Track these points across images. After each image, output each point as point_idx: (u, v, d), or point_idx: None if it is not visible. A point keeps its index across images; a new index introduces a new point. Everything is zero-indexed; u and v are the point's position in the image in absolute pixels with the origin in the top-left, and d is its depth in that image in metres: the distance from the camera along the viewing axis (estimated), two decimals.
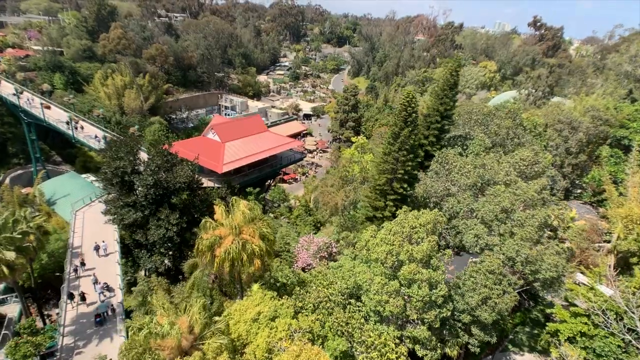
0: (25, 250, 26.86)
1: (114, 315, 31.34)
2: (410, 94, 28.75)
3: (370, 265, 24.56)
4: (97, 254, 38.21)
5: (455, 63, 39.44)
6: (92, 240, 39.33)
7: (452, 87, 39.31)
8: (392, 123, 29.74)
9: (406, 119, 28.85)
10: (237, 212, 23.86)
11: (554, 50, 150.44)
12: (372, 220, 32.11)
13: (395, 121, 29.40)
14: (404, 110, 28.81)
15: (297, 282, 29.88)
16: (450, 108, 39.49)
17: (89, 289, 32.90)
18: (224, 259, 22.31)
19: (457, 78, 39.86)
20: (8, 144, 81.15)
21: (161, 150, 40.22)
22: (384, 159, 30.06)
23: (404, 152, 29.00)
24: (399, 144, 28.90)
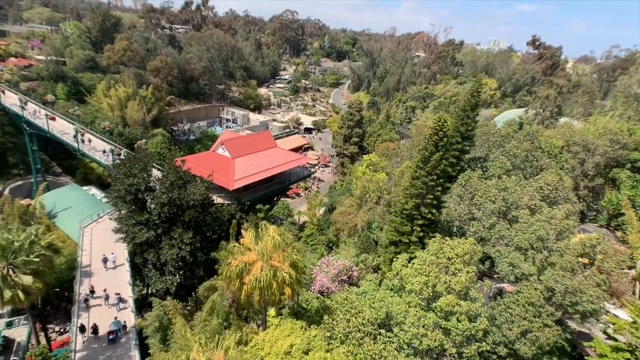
0: (41, 274, 25.56)
1: (126, 333, 30.94)
2: (442, 118, 28.41)
3: (401, 295, 23.71)
4: (104, 267, 37.82)
5: (477, 84, 39.41)
6: (105, 270, 38.08)
7: (474, 107, 39.22)
8: (422, 147, 29.30)
9: (437, 144, 28.41)
10: (267, 237, 22.99)
11: (553, 69, 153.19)
12: (396, 245, 31.36)
13: (425, 145, 28.96)
14: (435, 134, 28.39)
15: (319, 307, 28.86)
16: (472, 129, 39.29)
17: (100, 320, 31.29)
18: (254, 287, 21.33)
19: (479, 99, 39.78)
20: (8, 154, 79.66)
21: (175, 167, 39.33)
22: (412, 183, 29.47)
23: (434, 176, 28.47)
24: (429, 168, 28.39)
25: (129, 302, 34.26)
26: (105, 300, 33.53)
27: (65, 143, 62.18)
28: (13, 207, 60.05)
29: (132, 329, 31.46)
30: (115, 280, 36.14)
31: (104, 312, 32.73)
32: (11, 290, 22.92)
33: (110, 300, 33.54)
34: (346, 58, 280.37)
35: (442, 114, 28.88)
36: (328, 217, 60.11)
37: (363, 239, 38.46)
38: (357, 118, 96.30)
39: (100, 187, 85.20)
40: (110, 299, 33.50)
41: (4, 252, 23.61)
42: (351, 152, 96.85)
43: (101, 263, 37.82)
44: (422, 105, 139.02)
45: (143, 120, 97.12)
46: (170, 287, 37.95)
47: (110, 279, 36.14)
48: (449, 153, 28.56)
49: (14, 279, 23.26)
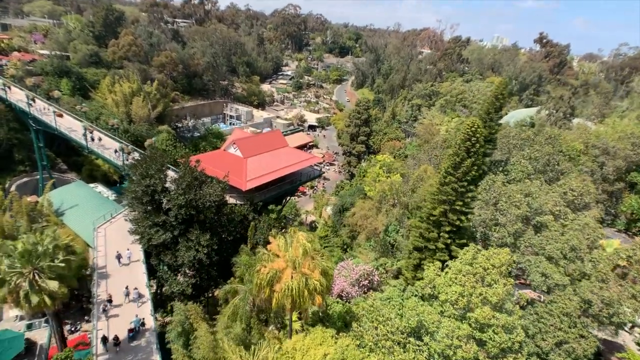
0: (66, 278, 25.05)
1: (145, 330, 31.12)
2: (476, 123, 27.83)
3: (432, 304, 23.32)
4: (119, 263, 37.64)
5: (502, 86, 38.70)
6: (119, 266, 37.71)
7: (498, 110, 38.59)
8: (453, 152, 28.77)
9: (469, 149, 27.88)
10: (296, 244, 22.53)
11: (560, 68, 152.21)
12: (421, 251, 30.90)
13: (456, 151, 28.42)
14: (467, 140, 27.83)
15: (342, 313, 28.50)
16: (495, 132, 38.74)
17: (120, 329, 30.92)
18: (285, 295, 20.91)
19: (504, 101, 39.10)
20: (14, 150, 78.80)
21: (190, 168, 38.76)
22: (440, 189, 28.95)
23: (465, 183, 28.00)
24: (460, 174, 27.89)
25: (147, 297, 34.55)
26: (126, 297, 33.66)
27: (74, 141, 61.46)
28: (21, 205, 59.57)
29: (152, 326, 31.51)
30: (132, 276, 36.19)
31: (124, 312, 32.49)
32: (38, 295, 22.46)
33: (130, 297, 33.73)
34: (349, 54, 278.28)
35: (475, 119, 28.28)
36: (339, 218, 59.66)
37: (381, 242, 38.01)
38: (364, 116, 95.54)
39: (106, 184, 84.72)
40: (130, 295, 33.68)
41: (29, 257, 23.10)
42: (358, 151, 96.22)
43: (119, 267, 37.45)
44: (428, 103, 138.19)
45: (148, 117, 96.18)
46: (186, 289, 37.60)
47: (127, 275, 36.15)
48: (480, 159, 28.01)
49: (40, 285, 22.78)
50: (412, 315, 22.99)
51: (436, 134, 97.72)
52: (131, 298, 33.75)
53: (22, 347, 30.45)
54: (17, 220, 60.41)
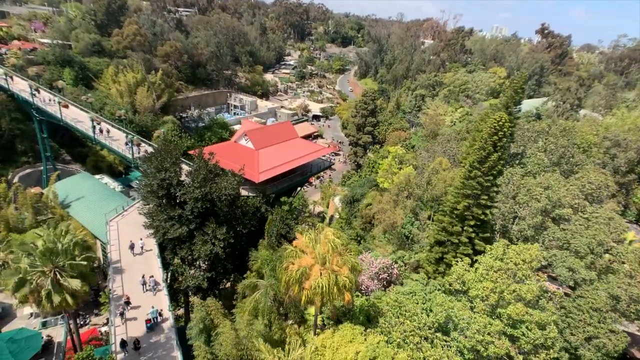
0: (87, 276, 24.74)
1: (163, 321, 31.01)
2: (504, 117, 27.35)
3: (460, 299, 23.23)
4: (132, 253, 37.40)
5: (522, 80, 38.07)
6: (134, 261, 37.21)
7: (517, 103, 38.06)
8: (479, 146, 28.36)
9: (496, 143, 27.48)
10: (325, 240, 22.28)
11: (561, 58, 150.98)
12: (442, 245, 30.74)
13: (482, 145, 27.99)
14: (494, 134, 27.41)
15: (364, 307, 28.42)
16: (513, 125, 38.27)
17: (139, 328, 30.80)
18: (315, 293, 20.74)
19: (523, 95, 38.57)
20: (16, 141, 77.90)
21: (205, 161, 38.33)
22: (465, 184, 28.64)
23: (490, 177, 27.69)
24: (486, 169, 27.55)
25: (162, 285, 34.48)
26: (143, 286, 33.54)
27: (81, 132, 60.71)
28: (26, 197, 59.08)
29: (169, 319, 31.39)
30: (146, 266, 35.95)
31: (141, 302, 32.42)
32: (60, 295, 22.15)
33: (146, 286, 33.60)
34: (351, 44, 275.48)
35: (502, 113, 27.78)
36: (350, 210, 59.48)
37: (398, 235, 37.86)
38: (371, 107, 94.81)
39: (111, 176, 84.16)
40: (147, 285, 33.54)
41: (50, 255, 22.73)
42: (365, 141, 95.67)
43: (132, 257, 37.21)
44: (431, 93, 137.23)
45: (152, 107, 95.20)
46: (202, 283, 37.46)
47: (142, 266, 35.82)
48: (506, 153, 27.64)
49: (62, 283, 22.47)
50: (440, 310, 22.89)
51: (441, 124, 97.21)
52: (148, 287, 33.62)
53: (40, 347, 30.02)
54: (21, 213, 60.08)
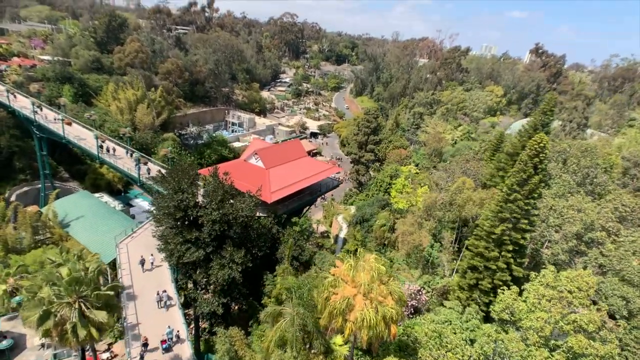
0: (112, 307, 22.94)
1: (179, 342, 30.11)
2: (544, 139, 26.91)
3: (507, 330, 22.08)
4: (142, 269, 37.24)
5: (552, 101, 37.95)
6: (145, 281, 35.97)
7: (545, 125, 37.97)
8: (519, 169, 27.77)
9: (536, 165, 26.94)
10: (366, 268, 21.08)
11: (556, 77, 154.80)
12: (476, 270, 29.72)
13: (522, 167, 27.41)
14: (535, 155, 26.89)
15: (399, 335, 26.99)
16: None
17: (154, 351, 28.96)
18: (360, 326, 19.41)
19: (552, 116, 38.39)
20: (14, 158, 75.73)
21: (221, 181, 37.06)
22: (503, 207, 27.90)
23: (531, 200, 27.03)
24: (526, 191, 26.91)
25: (174, 299, 34.24)
26: (158, 302, 33.05)
27: (84, 150, 59.03)
28: (26, 216, 56.82)
29: (185, 340, 30.38)
30: (157, 281, 36.04)
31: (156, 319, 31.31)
32: (85, 328, 20.33)
33: (161, 303, 33.12)
34: (346, 62, 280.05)
35: (542, 135, 27.38)
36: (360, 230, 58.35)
37: (422, 258, 36.72)
38: (374, 125, 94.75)
39: (110, 193, 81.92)
40: (162, 302, 33.25)
41: (76, 285, 21.02)
42: (367, 159, 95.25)
43: (143, 275, 35.60)
44: (429, 111, 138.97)
45: (152, 124, 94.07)
46: (217, 309, 35.66)
47: (153, 281, 35.77)
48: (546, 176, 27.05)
49: (89, 316, 20.68)
50: (486, 341, 21.68)
51: (443, 142, 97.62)
52: (162, 305, 33.26)
53: None
54: (19, 232, 57.63)
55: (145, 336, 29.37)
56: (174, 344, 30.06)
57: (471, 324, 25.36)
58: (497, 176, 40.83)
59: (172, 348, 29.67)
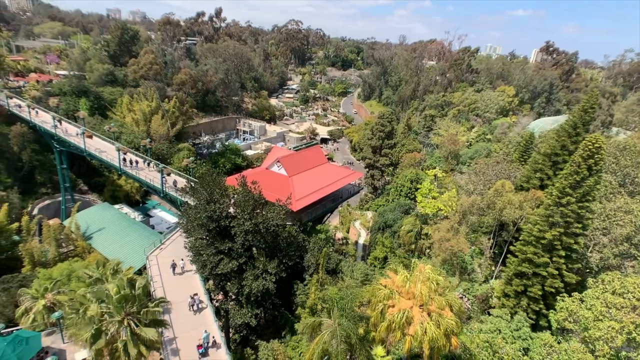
0: (159, 323, 22.47)
1: (215, 347, 30.15)
2: (600, 139, 26.08)
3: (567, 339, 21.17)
4: (173, 272, 37.94)
5: (593, 99, 36.79)
6: (177, 287, 35.94)
7: (586, 124, 36.98)
8: (572, 170, 26.90)
9: (591, 167, 26.06)
10: (422, 278, 20.39)
11: (568, 75, 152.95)
12: (524, 277, 28.78)
13: (575, 169, 26.55)
14: (589, 157, 26.02)
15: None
16: None
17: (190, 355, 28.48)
18: (422, 340, 18.69)
19: (593, 115, 37.36)
20: (35, 172, 76.51)
21: (250, 191, 36.67)
22: (554, 211, 27.02)
23: (586, 203, 26.13)
24: (580, 194, 26.05)
25: (205, 302, 34.59)
26: (191, 307, 33.34)
27: (106, 162, 59.24)
28: (50, 229, 57.05)
29: (221, 345, 30.17)
30: (188, 284, 36.58)
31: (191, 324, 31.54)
32: (136, 346, 19.90)
33: (194, 307, 33.42)
34: (352, 67, 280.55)
35: (598, 135, 26.51)
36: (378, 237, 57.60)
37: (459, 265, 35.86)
38: (388, 129, 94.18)
39: (128, 205, 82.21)
40: (195, 306, 33.49)
41: (126, 302, 20.63)
42: (382, 164, 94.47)
43: (177, 292, 35.30)
44: (440, 113, 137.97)
45: (167, 135, 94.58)
46: (250, 321, 35.07)
47: (184, 286, 36.11)
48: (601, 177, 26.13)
49: (139, 333, 20.25)
50: (547, 352, 20.76)
51: (459, 144, 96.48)
52: (195, 308, 33.35)
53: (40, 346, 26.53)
54: (43, 246, 57.91)
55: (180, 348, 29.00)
56: (209, 348, 29.88)
57: (522, 333, 24.46)
58: (534, 178, 39.85)
59: (208, 353, 29.52)
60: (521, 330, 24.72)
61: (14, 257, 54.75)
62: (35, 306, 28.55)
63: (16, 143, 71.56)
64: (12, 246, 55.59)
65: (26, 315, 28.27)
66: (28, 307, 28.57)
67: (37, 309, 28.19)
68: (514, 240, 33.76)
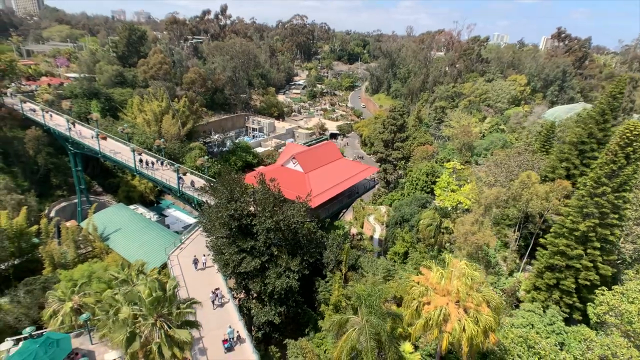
0: (191, 324, 22.39)
1: (239, 342, 30.45)
2: (638, 126, 25.13)
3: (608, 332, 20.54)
4: (195, 267, 38.70)
5: (622, 84, 35.56)
6: (199, 283, 36.16)
7: (614, 110, 35.83)
8: (608, 159, 26.02)
9: (629, 155, 25.15)
10: (457, 274, 19.91)
11: (581, 62, 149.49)
12: (556, 269, 28.08)
13: (611, 158, 25.69)
14: (627, 145, 25.11)
15: None
16: (610, 134, 35.84)
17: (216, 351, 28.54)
18: (459, 337, 18.25)
19: (622, 101, 36.20)
20: (50, 175, 77.34)
21: (269, 188, 36.40)
22: (588, 202, 26.22)
23: (623, 193, 25.32)
24: (617, 184, 25.23)
25: (227, 296, 35.03)
26: (213, 302, 33.61)
27: (121, 164, 59.43)
28: (68, 231, 57.60)
29: (246, 340, 30.35)
30: (209, 279, 37.20)
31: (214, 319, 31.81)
32: (170, 348, 19.83)
33: (217, 302, 33.87)
34: (358, 60, 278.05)
35: (635, 121, 25.55)
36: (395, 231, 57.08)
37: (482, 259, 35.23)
38: (400, 122, 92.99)
39: (143, 205, 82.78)
40: (217, 300, 33.97)
41: (158, 303, 20.54)
42: (395, 158, 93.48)
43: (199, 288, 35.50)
44: (451, 104, 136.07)
45: (178, 134, 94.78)
46: (274, 319, 34.95)
47: (207, 284, 36.29)
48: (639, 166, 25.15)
49: (172, 335, 20.18)
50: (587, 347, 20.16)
51: (473, 135, 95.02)
52: (217, 303, 33.70)
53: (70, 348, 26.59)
54: (62, 247, 58.54)
55: None
56: (235, 343, 30.09)
57: (556, 327, 23.85)
58: (560, 167, 38.81)
59: (233, 348, 29.71)
60: (555, 324, 24.10)
61: (34, 259, 55.35)
62: (62, 308, 28.77)
63: (31, 147, 72.28)
64: (32, 248, 56.15)
65: (54, 317, 28.48)
66: (56, 309, 28.80)
67: (65, 311, 28.42)
68: (541, 232, 33.00)
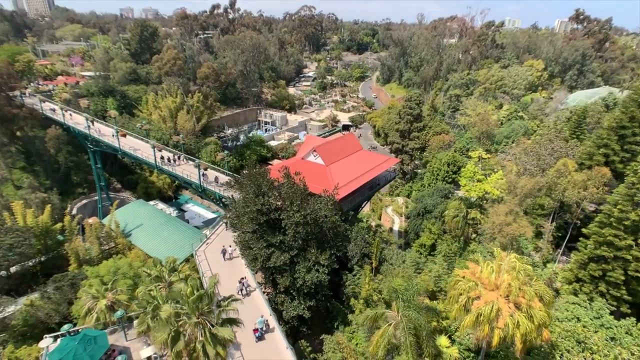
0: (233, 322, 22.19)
1: (269, 331, 30.68)
2: None
3: None
4: (223, 258, 39.33)
5: None
6: (226, 273, 36.23)
7: None
8: None
9: None
10: (507, 268, 19.16)
11: (601, 44, 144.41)
12: (601, 261, 27.06)
13: None
14: None
15: None
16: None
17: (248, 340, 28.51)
18: (512, 333, 17.59)
19: None
20: (71, 173, 78.36)
21: (295, 182, 35.92)
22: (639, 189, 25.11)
23: None
24: None
25: (253, 285, 35.31)
26: (240, 291, 33.70)
27: (142, 160, 59.63)
28: (92, 228, 58.24)
29: (276, 330, 30.50)
30: (236, 269, 37.73)
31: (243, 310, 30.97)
32: (214, 347, 19.67)
33: (243, 291, 33.96)
34: (367, 50, 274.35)
35: None
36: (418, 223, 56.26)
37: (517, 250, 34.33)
38: (416, 112, 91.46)
39: (162, 200, 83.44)
40: (243, 290, 34.06)
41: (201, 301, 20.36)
42: (412, 148, 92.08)
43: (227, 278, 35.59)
44: (466, 92, 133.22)
45: (193, 130, 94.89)
46: (304, 313, 34.73)
47: (234, 274, 36.49)
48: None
49: (215, 333, 20.00)
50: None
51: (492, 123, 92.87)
52: (245, 292, 33.86)
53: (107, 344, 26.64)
54: (86, 244, 59.30)
55: None
56: (264, 332, 30.23)
57: (605, 321, 23.00)
58: (597, 154, 37.37)
59: (264, 337, 29.91)
60: (603, 317, 23.23)
61: (60, 255, 56.26)
62: (96, 306, 28.98)
63: (52, 146, 73.13)
64: (58, 246, 57.02)
65: (90, 314, 28.70)
66: (90, 307, 29.02)
67: (100, 308, 28.61)
68: (579, 221, 31.87)
